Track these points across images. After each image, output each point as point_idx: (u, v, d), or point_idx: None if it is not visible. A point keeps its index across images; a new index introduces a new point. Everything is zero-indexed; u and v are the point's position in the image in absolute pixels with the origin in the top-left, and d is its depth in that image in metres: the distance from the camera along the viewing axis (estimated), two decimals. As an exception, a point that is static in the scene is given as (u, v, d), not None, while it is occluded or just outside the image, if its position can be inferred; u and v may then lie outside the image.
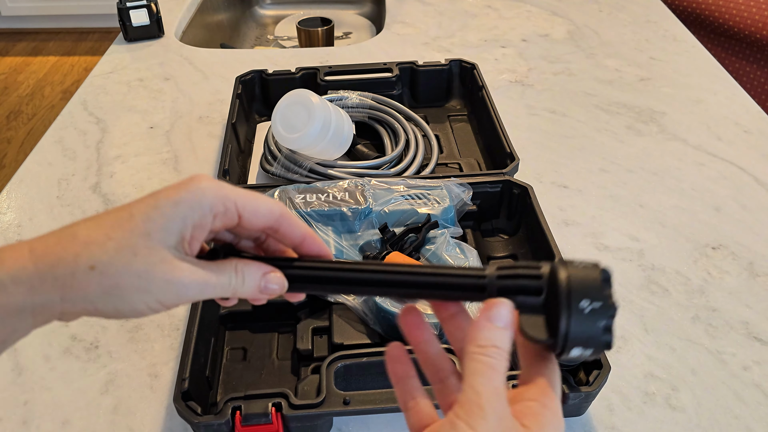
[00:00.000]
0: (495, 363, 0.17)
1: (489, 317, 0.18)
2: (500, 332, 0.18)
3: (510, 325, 0.18)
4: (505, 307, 0.18)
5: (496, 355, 0.17)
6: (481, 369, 0.17)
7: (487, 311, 0.18)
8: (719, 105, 0.60)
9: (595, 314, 0.17)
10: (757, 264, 0.43)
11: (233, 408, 0.30)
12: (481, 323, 0.18)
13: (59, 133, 0.57)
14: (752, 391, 0.35)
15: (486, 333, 0.18)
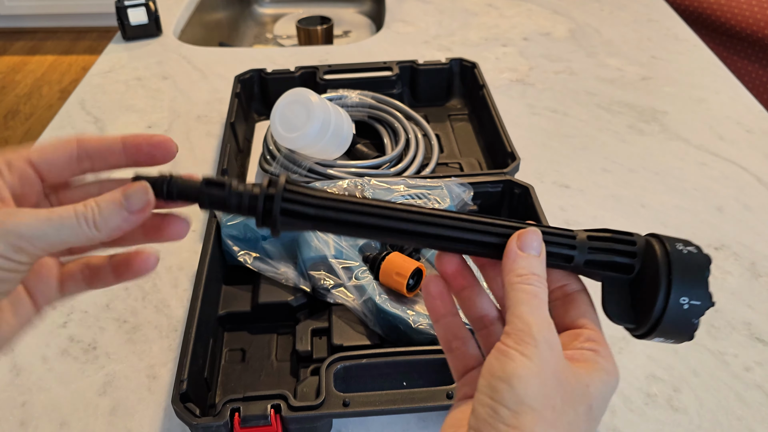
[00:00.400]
0: (538, 291, 0.17)
1: (522, 246, 0.17)
2: (536, 260, 0.17)
3: (542, 253, 0.18)
4: (535, 235, 0.18)
5: (538, 283, 0.17)
6: (526, 298, 0.17)
7: (518, 241, 0.18)
8: (721, 104, 0.60)
9: (693, 310, 0.16)
10: (759, 264, 0.42)
11: (232, 410, 0.29)
12: (515, 253, 0.17)
13: (57, 132, 0.57)
14: (754, 392, 0.34)
15: (522, 262, 0.17)
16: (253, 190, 0.18)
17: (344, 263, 0.38)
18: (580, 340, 0.18)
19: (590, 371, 0.17)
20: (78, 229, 0.16)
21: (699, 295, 0.16)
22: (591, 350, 0.17)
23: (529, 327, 0.16)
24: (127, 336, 0.38)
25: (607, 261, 0.17)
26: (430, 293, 0.20)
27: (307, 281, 0.38)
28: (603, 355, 0.17)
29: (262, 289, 0.38)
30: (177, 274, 0.42)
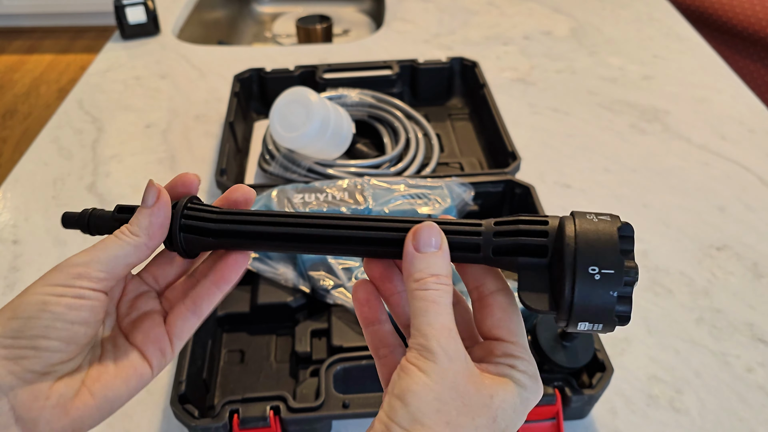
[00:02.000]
0: (436, 296, 0.16)
1: (417, 245, 0.16)
2: (434, 258, 0.16)
3: (442, 246, 0.16)
4: (430, 229, 0.16)
5: (436, 286, 0.16)
6: (424, 306, 0.16)
7: (413, 240, 0.16)
8: (724, 104, 0.59)
9: (607, 281, 0.14)
10: (761, 265, 0.42)
11: (231, 411, 0.29)
12: (410, 254, 0.16)
13: (55, 132, 0.57)
14: (756, 393, 0.34)
15: (419, 263, 0.16)
16: None
17: (344, 264, 0.37)
18: (495, 353, 0.17)
19: (498, 382, 0.16)
20: (120, 241, 0.18)
21: (610, 263, 0.14)
22: (507, 365, 0.16)
23: (427, 339, 0.15)
24: (126, 337, 0.38)
25: (516, 244, 0.16)
26: (357, 299, 0.19)
27: (306, 282, 0.38)
28: (521, 368, 0.16)
29: (261, 290, 0.38)
30: (176, 274, 0.42)
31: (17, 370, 0.16)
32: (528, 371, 0.16)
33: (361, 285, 0.19)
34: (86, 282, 0.17)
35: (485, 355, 0.17)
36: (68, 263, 0.17)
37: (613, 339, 0.37)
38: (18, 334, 0.16)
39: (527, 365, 0.17)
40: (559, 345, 0.31)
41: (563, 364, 0.31)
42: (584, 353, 0.31)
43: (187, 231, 0.18)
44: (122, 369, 0.17)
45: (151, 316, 0.19)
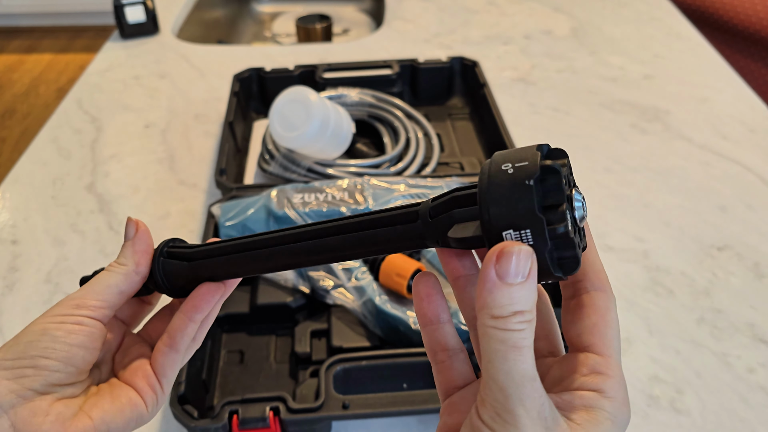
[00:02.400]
0: (519, 338, 0.13)
1: (501, 273, 0.13)
2: (520, 291, 0.13)
3: (531, 272, 0.13)
4: (519, 254, 0.13)
5: (520, 326, 0.13)
6: (503, 351, 0.13)
7: (495, 264, 0.13)
8: (725, 103, 0.59)
9: (520, 173, 0.13)
10: (762, 265, 0.42)
11: (230, 412, 0.29)
12: (491, 283, 0.13)
13: (54, 132, 0.57)
14: (758, 393, 0.34)
15: (500, 297, 0.13)
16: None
17: (344, 264, 0.37)
18: (582, 370, 0.14)
19: (586, 420, 0.13)
20: (111, 272, 0.19)
21: (523, 158, 0.13)
22: (594, 390, 0.14)
23: (506, 397, 0.13)
24: (125, 337, 0.38)
25: (450, 199, 0.15)
26: (417, 293, 0.16)
27: (306, 282, 0.38)
28: (609, 394, 0.13)
29: (261, 291, 0.38)
30: (175, 274, 0.42)
31: (18, 388, 0.17)
32: (618, 396, 0.14)
33: (423, 277, 0.16)
34: (84, 310, 0.18)
35: (568, 374, 0.14)
36: (68, 298, 0.18)
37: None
38: (19, 355, 0.17)
39: (618, 388, 0.14)
40: (559, 345, 0.31)
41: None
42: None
43: (165, 257, 0.20)
44: (117, 399, 0.18)
45: (140, 356, 0.20)
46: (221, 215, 0.39)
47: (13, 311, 0.40)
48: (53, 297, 0.40)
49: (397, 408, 0.29)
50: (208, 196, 0.48)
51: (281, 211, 0.38)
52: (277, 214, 0.38)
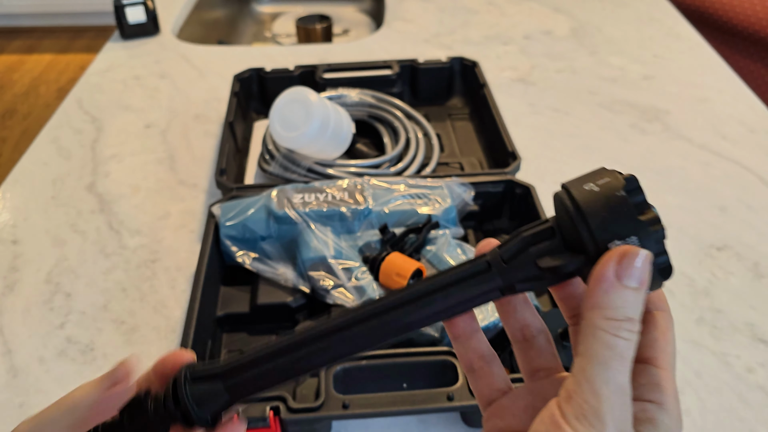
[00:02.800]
0: (625, 347, 0.13)
1: (619, 273, 0.13)
2: (634, 296, 0.13)
3: (646, 283, 0.13)
4: (639, 256, 0.13)
5: (629, 334, 0.13)
6: (607, 357, 0.12)
7: (616, 264, 0.13)
8: (724, 104, 0.59)
9: (608, 188, 0.13)
10: (762, 265, 0.42)
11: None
12: (609, 281, 0.13)
13: (54, 132, 0.57)
14: (757, 393, 0.34)
15: (617, 298, 0.13)
16: (164, 391, 0.16)
17: (344, 264, 0.37)
18: (642, 380, 0.14)
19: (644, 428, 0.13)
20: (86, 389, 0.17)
21: (601, 176, 0.14)
22: (655, 402, 0.14)
23: (599, 403, 0.12)
24: (125, 337, 0.38)
25: (521, 241, 0.15)
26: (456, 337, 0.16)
27: (306, 282, 0.38)
28: (667, 407, 0.14)
29: (261, 290, 0.38)
30: (175, 274, 0.42)
31: None
32: (675, 412, 0.14)
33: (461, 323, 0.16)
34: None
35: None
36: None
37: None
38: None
39: (674, 403, 0.14)
40: (559, 345, 0.31)
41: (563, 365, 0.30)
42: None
43: (194, 380, 0.16)
44: None
45: None
46: (221, 215, 0.39)
47: (13, 311, 0.40)
48: (53, 297, 0.41)
49: (397, 408, 0.29)
50: (208, 196, 0.49)
51: (281, 211, 0.39)
52: (278, 214, 0.39)
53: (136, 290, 0.41)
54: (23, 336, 0.38)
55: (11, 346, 0.37)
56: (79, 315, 0.39)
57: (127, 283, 0.41)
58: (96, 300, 0.40)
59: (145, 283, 0.41)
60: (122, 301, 0.40)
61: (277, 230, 0.39)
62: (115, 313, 0.39)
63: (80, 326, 0.38)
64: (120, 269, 0.42)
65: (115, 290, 0.41)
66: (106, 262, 0.43)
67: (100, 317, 0.39)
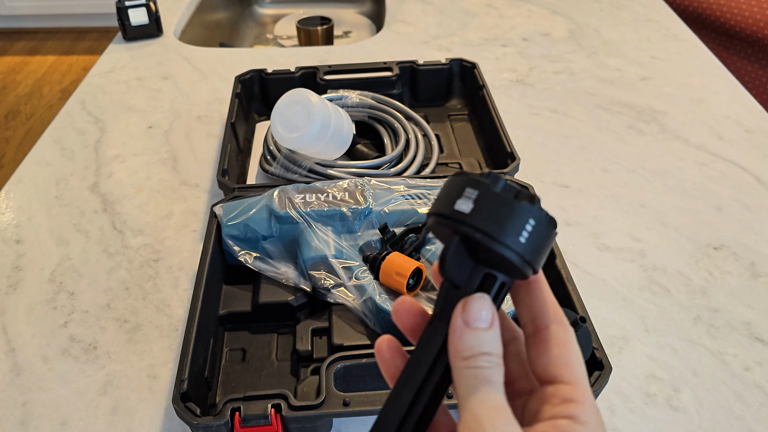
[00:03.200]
0: (489, 374, 0.14)
1: (467, 320, 0.15)
2: (485, 334, 0.15)
3: (494, 323, 0.15)
4: (481, 301, 0.15)
5: (488, 364, 0.15)
6: (474, 385, 0.14)
7: (462, 313, 0.15)
8: (721, 104, 0.60)
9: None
10: (758, 264, 0.42)
11: (232, 409, 0.29)
12: (459, 329, 0.15)
13: (57, 132, 0.57)
14: (754, 391, 0.34)
15: (468, 339, 0.15)
16: None
17: (344, 263, 0.38)
18: (553, 401, 0.15)
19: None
20: None
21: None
22: (567, 417, 0.14)
23: (479, 423, 0.14)
24: (128, 336, 0.38)
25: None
26: (383, 359, 0.17)
27: (307, 281, 0.38)
28: (582, 419, 0.14)
29: (263, 289, 0.38)
30: (177, 273, 0.42)
31: None
32: (591, 421, 0.14)
33: (386, 344, 0.17)
34: None
35: (542, 406, 0.15)
36: None
37: (611, 338, 0.38)
38: None
39: (589, 413, 0.14)
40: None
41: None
42: (582, 352, 0.31)
43: None
44: None
45: None
46: (223, 215, 0.40)
47: (16, 310, 0.40)
48: (57, 296, 0.41)
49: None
50: (210, 196, 0.49)
51: (283, 211, 0.39)
52: (279, 214, 0.39)
53: (138, 289, 0.41)
54: (26, 335, 0.38)
55: (15, 345, 0.38)
56: (82, 314, 0.40)
57: (130, 283, 0.42)
58: (99, 299, 0.40)
59: (147, 282, 0.42)
60: (125, 300, 0.40)
61: (279, 230, 0.39)
62: (117, 312, 0.40)
63: (83, 325, 0.39)
64: (123, 268, 0.43)
65: (118, 289, 0.41)
66: (109, 261, 0.43)
67: (103, 316, 0.39)
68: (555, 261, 0.37)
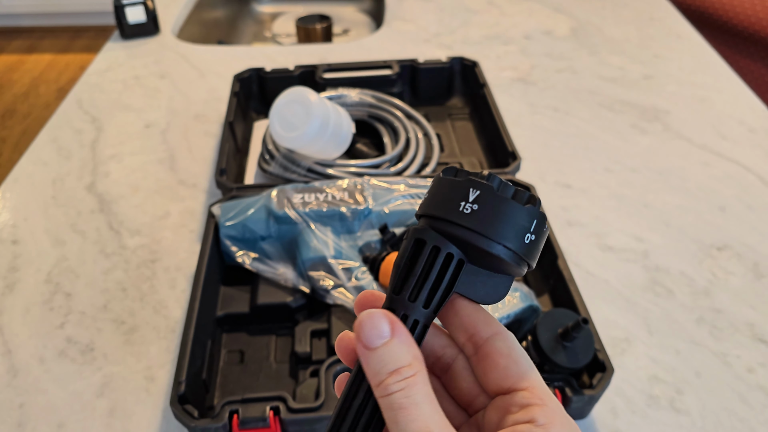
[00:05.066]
0: (401, 398, 0.13)
1: (367, 343, 0.14)
2: (387, 350, 0.14)
3: (395, 330, 0.14)
4: (371, 317, 0.14)
5: (398, 385, 0.13)
6: (393, 417, 0.13)
7: (360, 339, 0.14)
8: (724, 103, 0.59)
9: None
10: (762, 265, 0.42)
11: (230, 411, 0.29)
12: (363, 356, 0.14)
13: (54, 132, 0.57)
14: (757, 393, 0.34)
15: (373, 363, 0.14)
16: None
17: (344, 264, 0.37)
18: (512, 410, 0.14)
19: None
20: None
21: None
22: (527, 422, 0.14)
23: None
24: (125, 337, 0.38)
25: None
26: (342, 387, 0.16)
27: (306, 282, 0.38)
28: (542, 421, 0.14)
29: (261, 290, 0.38)
30: (175, 274, 0.42)
31: None
32: (554, 421, 0.14)
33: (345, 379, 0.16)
34: None
35: (502, 416, 0.15)
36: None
37: (614, 339, 0.37)
38: None
39: (550, 413, 0.14)
40: (559, 345, 0.31)
41: (564, 365, 0.31)
42: (584, 353, 0.31)
43: None
44: None
45: None
46: (221, 215, 0.39)
47: (13, 311, 0.40)
48: (53, 297, 0.40)
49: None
50: (208, 196, 0.48)
51: (281, 211, 0.39)
52: (278, 214, 0.39)
53: (135, 290, 0.41)
54: (23, 336, 0.38)
55: (11, 346, 0.37)
56: (79, 315, 0.39)
57: (127, 283, 0.41)
58: (96, 300, 0.40)
59: (144, 283, 0.41)
60: (122, 301, 0.40)
61: (277, 230, 0.39)
62: (114, 313, 0.39)
63: (80, 326, 0.38)
64: (120, 269, 0.42)
65: (114, 290, 0.41)
66: (105, 262, 0.43)
67: (100, 317, 0.39)
68: (557, 261, 0.37)
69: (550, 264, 0.37)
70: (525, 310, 0.34)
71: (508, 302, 0.33)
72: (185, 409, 0.29)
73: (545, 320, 0.32)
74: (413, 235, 0.15)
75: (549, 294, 0.38)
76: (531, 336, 0.32)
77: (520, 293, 0.34)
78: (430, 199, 0.15)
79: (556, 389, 0.30)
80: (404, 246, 0.15)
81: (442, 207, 0.15)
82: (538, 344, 0.31)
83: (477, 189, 0.14)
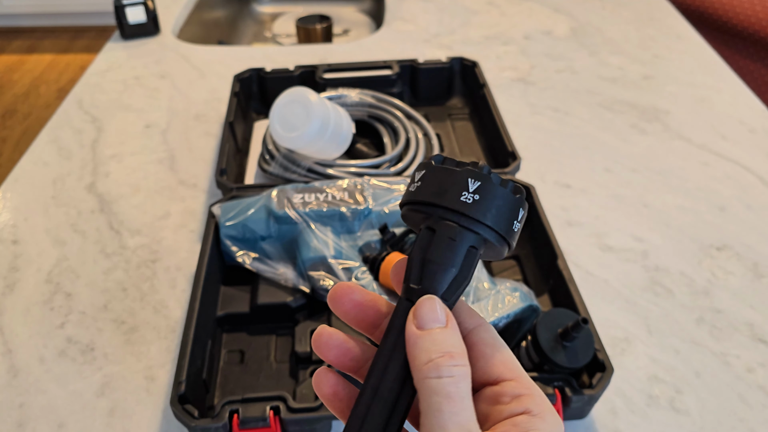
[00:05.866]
0: (451, 385, 0.13)
1: (421, 323, 0.14)
2: (441, 333, 0.14)
3: (450, 321, 0.14)
4: (431, 301, 0.14)
5: (450, 370, 0.13)
6: (437, 404, 0.13)
7: (414, 319, 0.14)
8: (724, 103, 0.59)
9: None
10: (761, 265, 0.42)
11: (231, 411, 0.29)
12: (413, 336, 0.14)
13: (54, 132, 0.57)
14: (757, 393, 0.34)
15: (424, 343, 0.13)
16: None
17: (344, 263, 0.37)
18: (503, 400, 0.14)
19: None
20: None
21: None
22: (522, 413, 0.14)
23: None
24: (125, 337, 0.38)
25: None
26: (323, 394, 0.16)
27: (306, 282, 0.38)
28: (536, 411, 0.14)
29: (261, 290, 0.38)
30: (175, 274, 0.42)
31: None
32: (544, 410, 0.14)
33: (323, 376, 0.16)
34: None
35: (492, 407, 0.14)
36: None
37: (614, 339, 0.37)
38: None
39: (540, 402, 0.14)
40: (559, 345, 0.31)
41: (563, 364, 0.31)
42: (584, 353, 0.31)
43: None
44: None
45: None
46: (221, 215, 0.39)
47: (13, 311, 0.40)
48: (54, 297, 0.41)
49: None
50: (208, 196, 0.49)
51: (281, 211, 0.39)
52: (278, 214, 0.39)
53: (136, 290, 0.41)
54: (23, 336, 0.38)
55: (11, 346, 0.37)
56: (79, 315, 0.39)
57: (128, 283, 0.41)
58: (96, 300, 0.40)
59: (145, 283, 0.41)
60: (122, 300, 0.40)
61: (277, 230, 0.39)
62: (115, 313, 0.39)
63: (80, 326, 0.38)
64: (120, 269, 0.42)
65: (115, 290, 0.41)
66: (106, 262, 0.43)
67: (100, 317, 0.39)
68: (557, 261, 0.37)
69: (550, 264, 0.38)
70: (525, 310, 0.34)
71: (508, 302, 0.33)
72: (185, 408, 0.29)
73: (545, 320, 0.32)
74: (445, 232, 0.15)
75: (549, 294, 0.38)
76: (531, 336, 0.32)
77: (519, 293, 0.34)
78: (424, 188, 0.15)
79: (555, 389, 0.30)
80: (425, 238, 0.15)
81: (446, 196, 0.15)
82: (538, 344, 0.31)
83: (476, 180, 0.15)
